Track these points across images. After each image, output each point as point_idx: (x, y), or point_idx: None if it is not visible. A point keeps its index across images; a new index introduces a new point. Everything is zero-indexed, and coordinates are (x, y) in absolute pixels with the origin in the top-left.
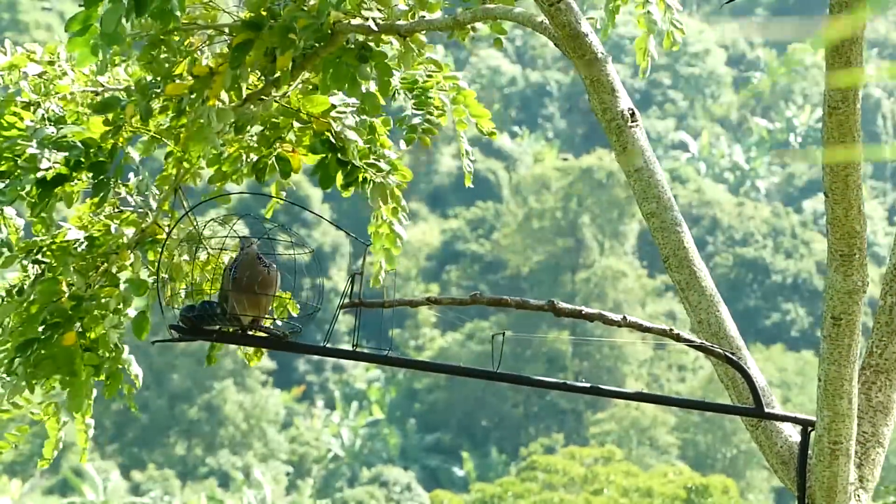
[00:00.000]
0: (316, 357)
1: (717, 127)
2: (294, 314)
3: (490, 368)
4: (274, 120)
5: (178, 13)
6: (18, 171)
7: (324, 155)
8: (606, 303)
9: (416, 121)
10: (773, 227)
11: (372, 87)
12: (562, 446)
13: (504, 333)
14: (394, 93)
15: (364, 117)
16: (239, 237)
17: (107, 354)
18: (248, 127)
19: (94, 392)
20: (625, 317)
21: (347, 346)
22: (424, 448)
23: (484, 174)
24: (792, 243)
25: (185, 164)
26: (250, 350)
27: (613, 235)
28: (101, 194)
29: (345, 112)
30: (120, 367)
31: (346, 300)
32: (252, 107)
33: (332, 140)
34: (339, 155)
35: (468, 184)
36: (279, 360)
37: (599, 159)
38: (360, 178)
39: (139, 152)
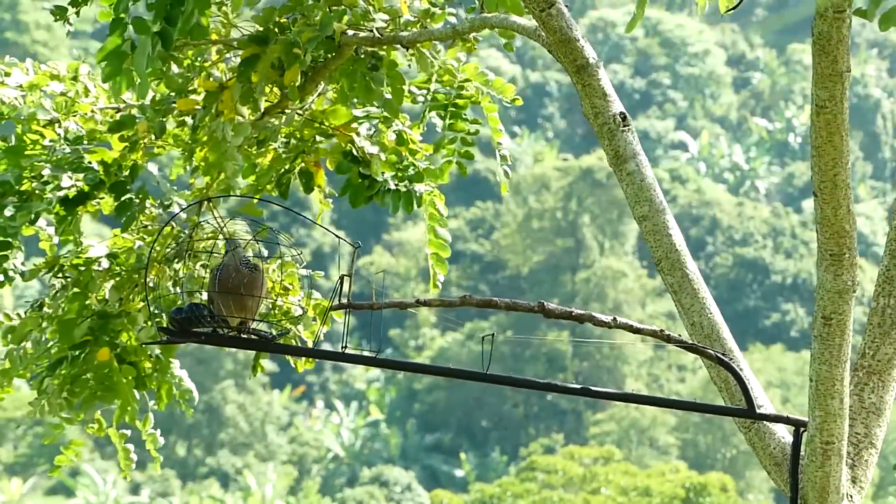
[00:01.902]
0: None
1: (717, 127)
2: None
3: (488, 369)
4: (297, 133)
5: (203, 24)
6: (38, 191)
7: (351, 173)
8: (606, 303)
9: (453, 145)
10: (773, 228)
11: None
12: (562, 446)
13: (493, 335)
14: (426, 114)
15: (390, 128)
16: (225, 240)
17: (148, 366)
18: (271, 141)
19: (151, 402)
20: (615, 318)
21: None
22: (424, 448)
23: (483, 174)
24: (792, 243)
25: (213, 178)
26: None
27: (613, 235)
28: (126, 216)
29: (363, 123)
30: (167, 377)
31: (336, 302)
32: (273, 120)
33: (355, 153)
34: (360, 169)
35: (504, 192)
36: (279, 361)
37: (599, 159)
38: (384, 189)
39: (171, 175)
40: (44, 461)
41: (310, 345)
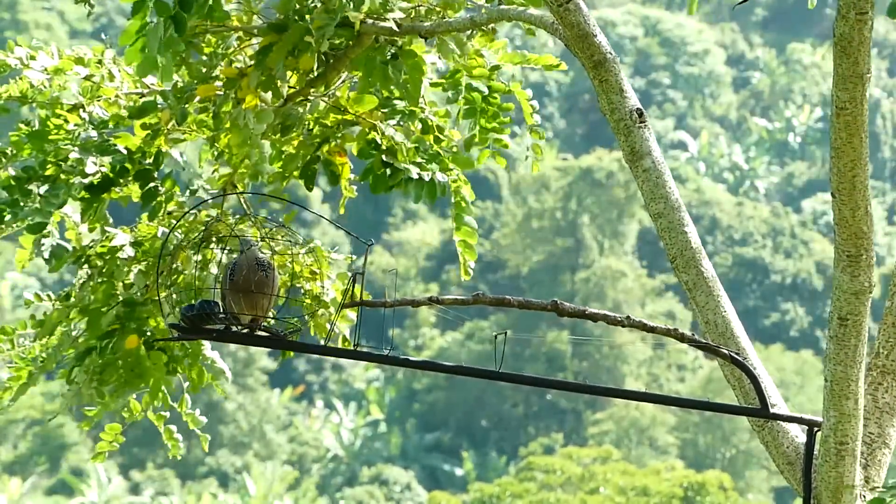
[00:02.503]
0: (315, 357)
1: (717, 126)
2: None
3: (491, 368)
4: (322, 120)
5: (219, 7)
6: (64, 176)
7: (375, 161)
8: (606, 303)
9: (487, 145)
10: (773, 227)
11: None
12: (561, 446)
13: (506, 333)
14: (458, 119)
15: (416, 117)
16: (239, 237)
17: (178, 351)
18: (296, 128)
19: (186, 383)
20: (629, 316)
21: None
22: (424, 448)
23: (483, 174)
24: (791, 243)
25: (237, 164)
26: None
27: (613, 235)
28: (152, 205)
29: (392, 114)
30: (200, 359)
31: (348, 300)
32: (298, 108)
33: (379, 141)
34: (383, 157)
35: (535, 171)
36: (279, 360)
37: (599, 159)
38: (406, 178)
39: (199, 161)
40: (44, 461)
41: (321, 341)
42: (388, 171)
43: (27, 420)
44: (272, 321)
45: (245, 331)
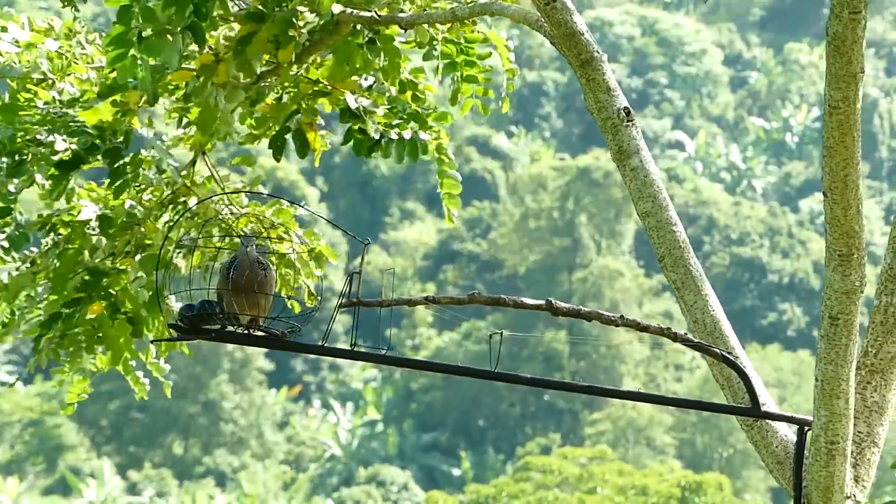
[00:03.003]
0: (313, 357)
1: (714, 126)
2: (294, 313)
3: (487, 368)
4: (293, 89)
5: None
6: (32, 154)
7: (353, 125)
8: (603, 302)
9: (468, 84)
10: (770, 227)
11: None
12: (558, 446)
13: (501, 333)
14: (439, 75)
15: (379, 83)
16: (239, 236)
17: (146, 314)
18: (265, 99)
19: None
20: (622, 315)
21: (345, 346)
22: (421, 448)
23: (480, 174)
24: (788, 243)
25: (206, 139)
26: None
27: (610, 235)
28: (119, 182)
29: (368, 78)
30: (159, 311)
31: (345, 299)
32: (265, 83)
33: (352, 110)
34: (360, 123)
35: (506, 110)
36: (276, 360)
37: (596, 159)
38: (387, 140)
39: (165, 118)
40: (41, 460)
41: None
42: (366, 136)
43: (24, 421)
44: (269, 321)
45: (243, 331)
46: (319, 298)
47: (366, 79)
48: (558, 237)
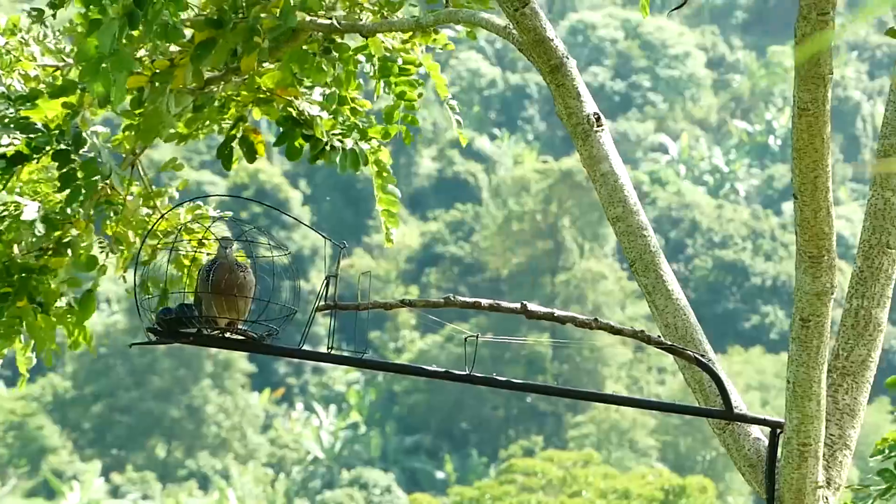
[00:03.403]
0: (296, 360)
1: (697, 129)
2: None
3: (472, 371)
4: (235, 97)
5: (180, 28)
6: None
7: (293, 135)
8: (586, 305)
9: (399, 109)
10: (753, 230)
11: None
12: (541, 449)
13: (477, 336)
14: (377, 81)
15: (333, 90)
16: (218, 239)
17: (66, 315)
18: (208, 105)
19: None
20: (596, 318)
21: (324, 349)
22: (404, 450)
23: (463, 176)
24: (771, 246)
25: (146, 141)
26: None
27: (593, 238)
28: (72, 190)
29: (308, 90)
30: (82, 321)
31: (322, 303)
32: (213, 87)
33: (295, 116)
34: (303, 130)
35: (464, 143)
36: (259, 363)
37: (579, 162)
38: (329, 148)
39: (113, 146)
40: (24, 463)
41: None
42: (312, 144)
43: (6, 423)
44: (247, 324)
45: (220, 334)
46: (295, 308)
47: (312, 92)
48: (541, 240)
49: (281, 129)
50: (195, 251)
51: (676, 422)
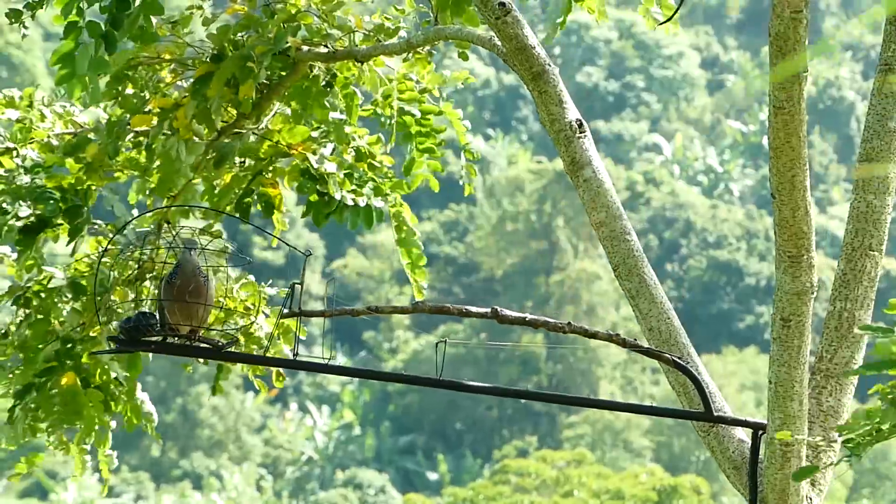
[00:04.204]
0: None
1: (691, 129)
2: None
3: (467, 373)
4: (254, 153)
5: (154, 31)
6: None
7: (310, 192)
8: (580, 305)
9: (421, 159)
10: (747, 230)
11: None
12: (535, 449)
13: (445, 341)
14: (392, 137)
15: (349, 145)
16: (182, 241)
17: (115, 389)
18: (228, 161)
19: (114, 424)
20: (569, 323)
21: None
22: (398, 451)
23: (456, 176)
24: (766, 246)
25: (166, 196)
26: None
27: (588, 238)
28: (73, 238)
29: (322, 142)
30: (135, 400)
31: (287, 310)
32: (229, 140)
33: (312, 172)
34: (318, 187)
35: (468, 193)
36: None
37: None
38: (342, 206)
39: (131, 199)
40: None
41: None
42: (326, 200)
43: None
44: (210, 332)
45: (183, 342)
46: (254, 317)
47: (325, 146)
48: (535, 240)
49: (299, 192)
50: (163, 262)
51: (670, 422)
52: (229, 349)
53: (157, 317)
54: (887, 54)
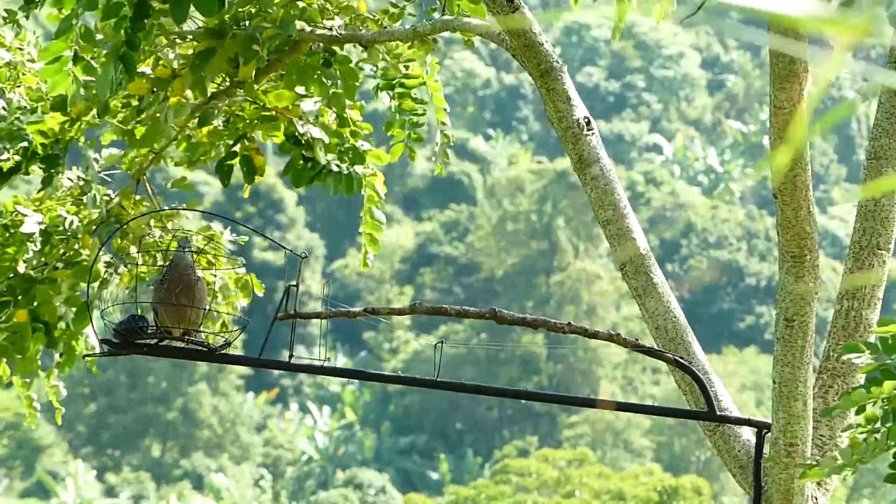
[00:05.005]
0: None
1: (692, 129)
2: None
3: (467, 373)
4: (239, 112)
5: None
6: None
7: (295, 157)
8: (581, 306)
9: (403, 128)
10: (748, 230)
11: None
12: (536, 449)
13: (443, 342)
14: (376, 92)
15: (331, 110)
16: (178, 240)
17: (62, 328)
18: (212, 121)
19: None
20: (570, 323)
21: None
22: (399, 450)
23: (458, 177)
24: (766, 246)
25: (145, 153)
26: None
27: (588, 238)
28: (46, 186)
29: (311, 109)
30: (74, 343)
31: (282, 312)
32: (217, 103)
33: (298, 136)
34: (303, 151)
35: (439, 172)
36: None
37: None
38: (325, 171)
39: (103, 141)
40: (18, 463)
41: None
42: (309, 165)
43: (1, 423)
44: (203, 334)
45: (176, 344)
46: (247, 320)
47: (313, 104)
48: (536, 240)
49: (280, 151)
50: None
51: (671, 422)
52: (223, 351)
53: (151, 319)
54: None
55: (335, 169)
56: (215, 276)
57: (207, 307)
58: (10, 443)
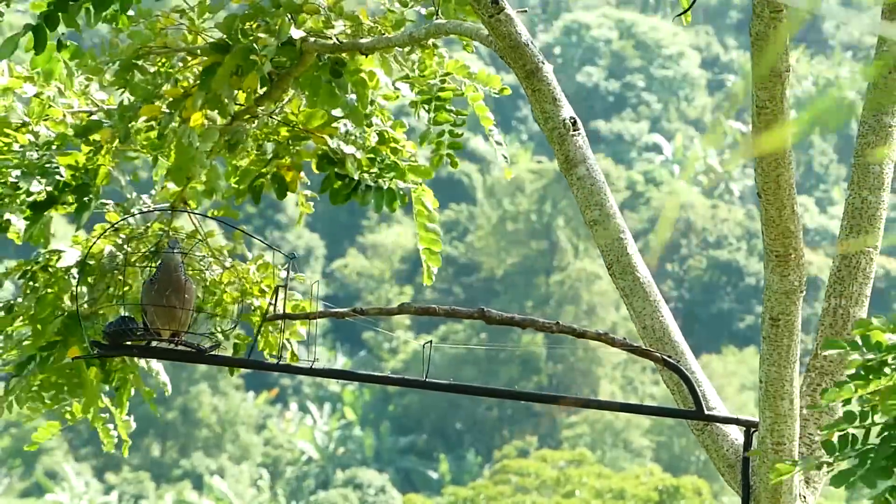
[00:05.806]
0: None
1: (692, 129)
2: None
3: (467, 372)
4: (272, 136)
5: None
6: (7, 197)
7: (330, 175)
8: (580, 305)
9: (441, 138)
10: (747, 230)
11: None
12: (535, 449)
13: (431, 342)
14: (416, 110)
15: (371, 128)
16: (168, 240)
17: (117, 365)
18: (243, 144)
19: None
20: (558, 322)
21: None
22: (399, 450)
23: (458, 176)
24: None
25: (182, 183)
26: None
27: (588, 238)
28: (80, 215)
29: (342, 125)
30: (130, 376)
31: (272, 312)
32: (244, 125)
33: (331, 155)
34: (337, 169)
35: (508, 176)
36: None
37: None
38: (364, 188)
39: (155, 175)
40: (18, 463)
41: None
42: (346, 182)
43: (1, 423)
44: (194, 335)
45: (165, 345)
46: (237, 321)
47: (345, 125)
48: (536, 240)
49: (317, 170)
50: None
51: (670, 422)
52: (213, 352)
53: (140, 321)
54: (882, 49)
55: (371, 185)
56: (217, 277)
57: (193, 310)
58: (10, 443)
